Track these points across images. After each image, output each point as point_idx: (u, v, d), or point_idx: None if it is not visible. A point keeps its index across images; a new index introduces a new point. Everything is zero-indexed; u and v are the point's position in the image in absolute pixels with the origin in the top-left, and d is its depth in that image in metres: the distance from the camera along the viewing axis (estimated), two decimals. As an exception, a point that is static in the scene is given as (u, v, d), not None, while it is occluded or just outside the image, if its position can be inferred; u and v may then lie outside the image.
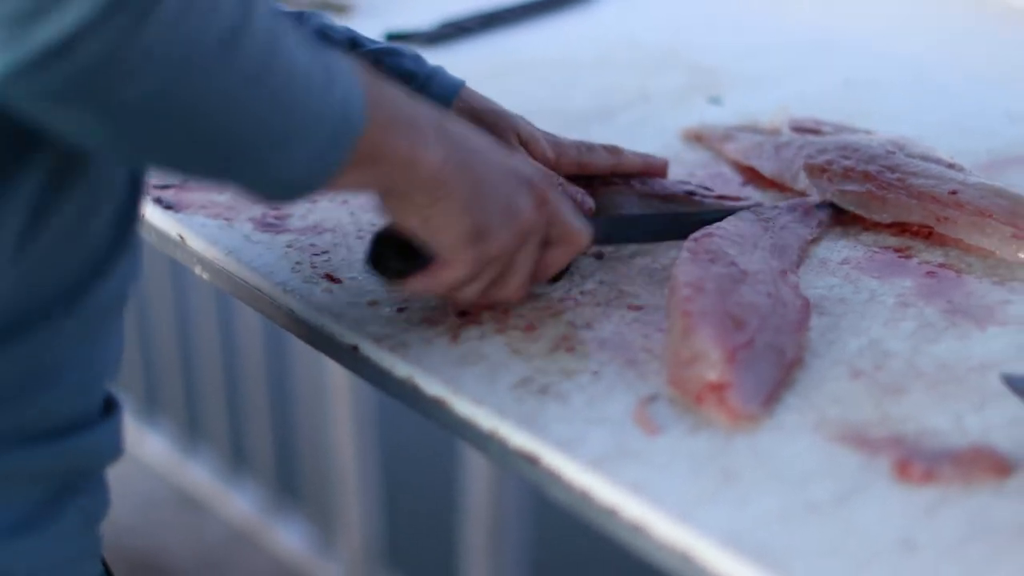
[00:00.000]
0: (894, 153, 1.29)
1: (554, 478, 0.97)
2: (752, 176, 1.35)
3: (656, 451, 0.97)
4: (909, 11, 1.85)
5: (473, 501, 2.38)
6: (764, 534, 0.90)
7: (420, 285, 1.06)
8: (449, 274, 1.05)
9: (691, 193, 1.26)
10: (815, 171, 1.29)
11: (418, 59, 1.25)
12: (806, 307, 1.09)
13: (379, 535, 2.58)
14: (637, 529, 0.92)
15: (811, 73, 1.63)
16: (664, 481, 0.94)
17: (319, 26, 1.23)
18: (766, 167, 1.34)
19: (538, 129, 1.25)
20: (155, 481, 2.87)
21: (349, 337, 1.11)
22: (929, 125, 1.46)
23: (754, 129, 1.42)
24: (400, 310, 1.13)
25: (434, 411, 1.06)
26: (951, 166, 1.28)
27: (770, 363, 1.02)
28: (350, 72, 0.93)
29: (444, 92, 1.22)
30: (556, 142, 1.25)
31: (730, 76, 1.63)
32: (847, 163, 1.28)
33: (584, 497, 0.96)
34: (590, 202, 1.22)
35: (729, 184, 1.34)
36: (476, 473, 2.34)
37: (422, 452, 2.82)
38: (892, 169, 1.26)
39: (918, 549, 0.88)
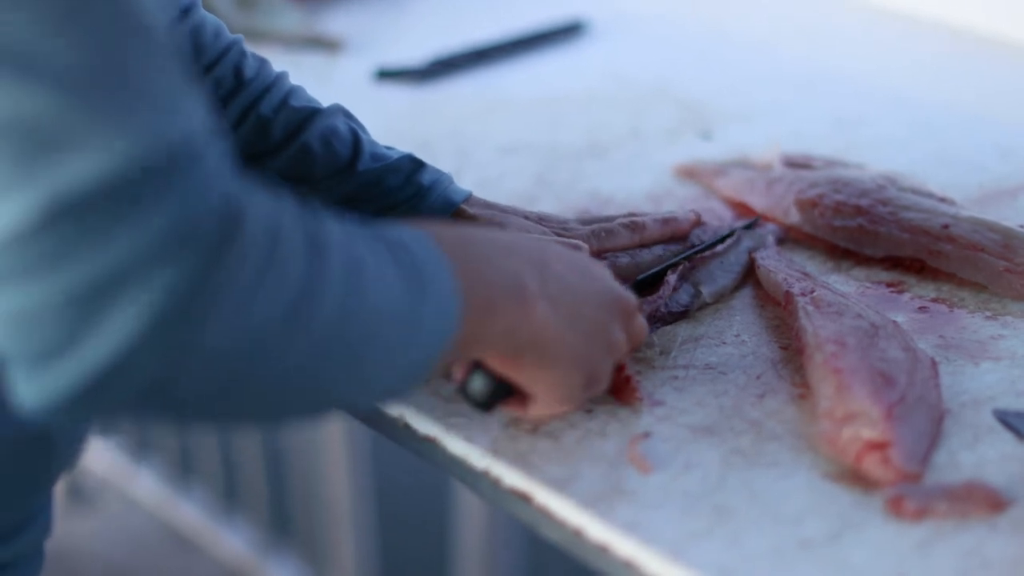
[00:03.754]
0: (885, 187, 1.29)
1: (547, 517, 0.97)
2: (744, 211, 1.35)
3: (649, 489, 0.97)
4: (899, 47, 1.85)
5: (466, 539, 2.37)
6: (757, 572, 0.89)
7: (516, 413, 1.02)
8: (554, 413, 1.02)
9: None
10: (806, 206, 1.29)
11: (412, 176, 1.19)
12: (933, 360, 1.08)
13: (372, 573, 2.57)
14: (629, 566, 0.92)
15: (801, 109, 1.64)
16: (657, 519, 0.94)
17: (327, 128, 1.18)
18: (757, 202, 1.34)
19: (549, 221, 1.22)
20: (147, 519, 2.85)
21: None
22: (920, 160, 1.46)
23: (745, 164, 1.42)
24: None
25: (426, 450, 1.05)
26: (943, 200, 1.28)
27: (924, 419, 1.01)
28: (439, 266, 0.87)
29: (444, 205, 1.18)
30: (572, 233, 1.22)
31: (720, 112, 1.63)
32: (838, 197, 1.28)
33: (577, 536, 0.95)
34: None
35: (721, 220, 1.34)
36: (469, 511, 2.34)
37: (415, 490, 2.81)
38: (884, 203, 1.26)
39: (913, 586, 0.87)
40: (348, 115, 1.20)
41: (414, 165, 1.19)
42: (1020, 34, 1.80)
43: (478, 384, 0.98)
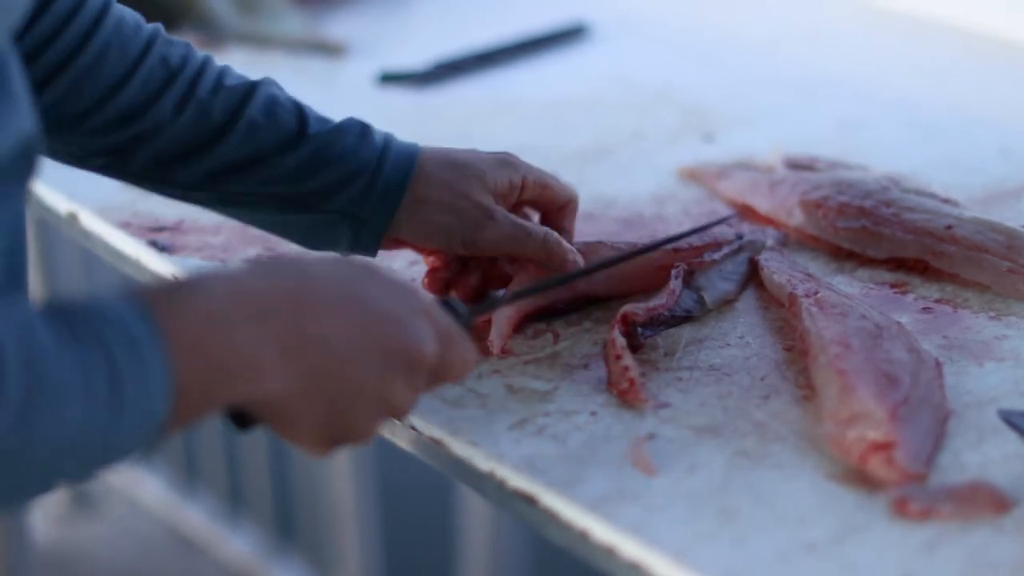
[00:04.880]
0: (889, 189, 1.29)
1: (552, 519, 0.97)
2: (747, 213, 1.35)
3: (654, 492, 0.97)
4: (902, 50, 1.85)
5: (471, 542, 2.37)
6: (762, 573, 0.89)
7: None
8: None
9: (679, 250, 1.24)
10: (810, 207, 1.29)
11: (364, 137, 1.17)
12: (937, 361, 1.08)
13: (378, 576, 2.58)
14: (636, 568, 0.92)
15: (804, 111, 1.64)
16: (662, 521, 0.94)
17: (267, 99, 1.16)
18: (761, 204, 1.34)
19: (498, 165, 1.18)
20: (153, 523, 2.86)
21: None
22: (923, 161, 1.46)
23: (749, 166, 1.42)
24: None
25: (432, 452, 1.05)
26: (946, 201, 1.28)
27: (929, 419, 1.01)
28: (148, 355, 0.83)
29: (398, 171, 1.16)
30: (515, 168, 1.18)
31: (723, 115, 1.63)
32: (842, 199, 1.28)
33: (582, 538, 0.95)
34: (579, 260, 1.17)
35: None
36: (474, 514, 2.34)
37: (420, 493, 2.81)
38: (887, 204, 1.26)
39: (918, 587, 0.88)
40: (280, 87, 1.19)
41: (362, 126, 1.18)
42: (1022, 36, 1.80)
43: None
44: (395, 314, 0.93)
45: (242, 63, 1.22)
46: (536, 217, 1.21)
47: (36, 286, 2.54)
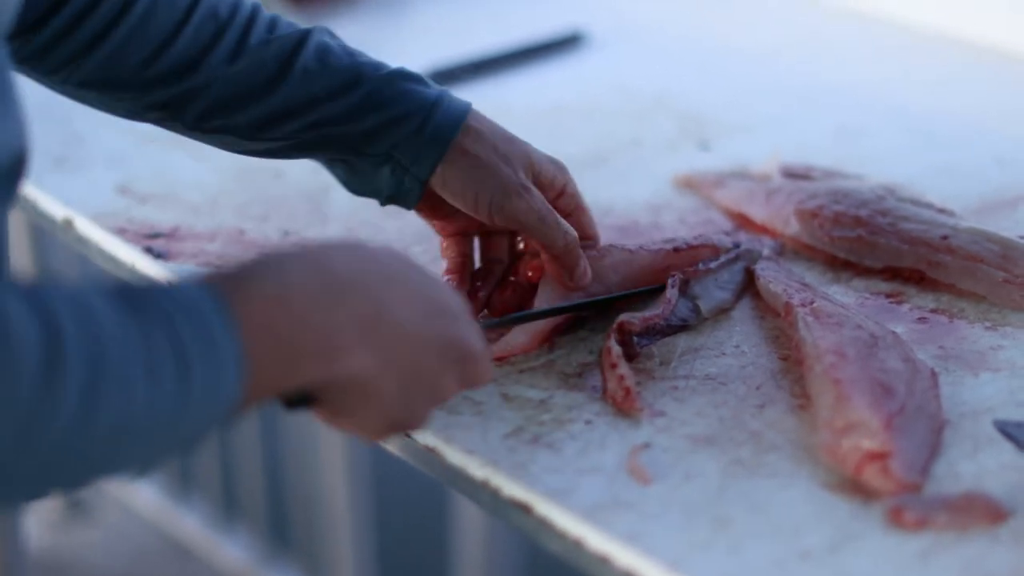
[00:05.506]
0: (885, 198, 1.29)
1: (546, 527, 0.97)
2: (743, 222, 1.35)
3: (649, 500, 0.97)
4: (899, 58, 1.85)
5: (465, 550, 2.37)
6: (758, 583, 0.90)
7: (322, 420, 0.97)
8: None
9: (678, 248, 1.24)
10: (806, 216, 1.29)
11: (419, 83, 1.18)
12: (933, 371, 1.08)
13: (372, 583, 2.58)
14: (630, 578, 0.92)
15: (801, 120, 1.64)
16: (657, 530, 0.94)
17: (319, 46, 1.17)
18: (757, 213, 1.34)
19: (548, 160, 1.20)
20: (147, 530, 2.85)
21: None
22: (919, 170, 1.46)
23: (745, 175, 1.42)
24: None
25: (426, 461, 1.05)
26: (942, 211, 1.28)
27: (924, 429, 1.01)
28: (218, 338, 0.82)
29: (449, 120, 1.16)
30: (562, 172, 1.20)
31: (720, 123, 1.63)
32: (838, 208, 1.28)
33: (577, 546, 0.95)
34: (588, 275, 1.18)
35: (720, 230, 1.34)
36: (469, 522, 2.33)
37: (414, 500, 2.80)
38: (883, 214, 1.26)
39: (913, 597, 0.88)
40: (332, 34, 1.19)
41: (417, 75, 1.19)
42: (1020, 47, 1.81)
43: None
44: (452, 308, 0.96)
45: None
46: None
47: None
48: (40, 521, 2.79)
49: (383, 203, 1.19)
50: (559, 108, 1.69)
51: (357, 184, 1.20)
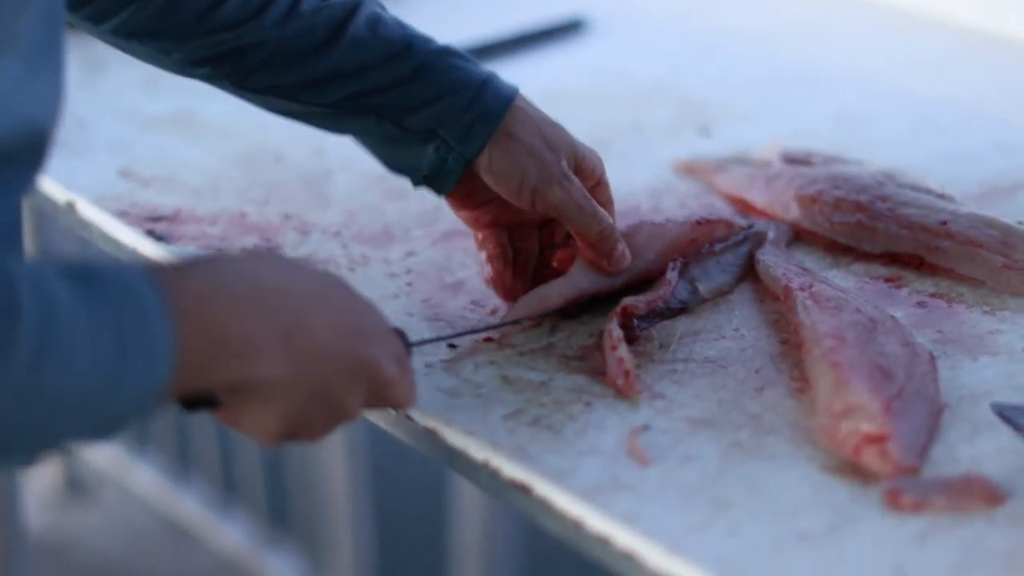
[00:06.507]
0: (884, 183, 1.29)
1: (546, 508, 0.98)
2: (743, 207, 1.35)
3: (648, 482, 0.97)
4: (899, 44, 1.85)
5: (464, 532, 2.37)
6: (756, 564, 0.90)
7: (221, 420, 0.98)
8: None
9: (700, 222, 1.24)
10: (806, 202, 1.29)
11: (469, 61, 1.19)
12: (931, 355, 1.09)
13: (370, 567, 2.58)
14: (630, 559, 0.93)
15: (801, 106, 1.64)
16: (656, 511, 0.95)
17: (371, 16, 1.18)
18: (757, 198, 1.35)
19: (588, 149, 1.21)
20: (145, 512, 2.86)
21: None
22: (919, 156, 1.46)
23: (745, 161, 1.42)
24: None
25: (427, 442, 1.06)
26: (941, 196, 1.28)
27: (922, 413, 1.01)
28: (155, 326, 0.85)
29: (499, 101, 1.17)
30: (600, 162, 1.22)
31: (721, 109, 1.63)
32: (838, 193, 1.28)
33: (576, 527, 0.96)
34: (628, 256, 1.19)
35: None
36: (467, 504, 2.34)
37: (413, 483, 2.81)
38: (883, 199, 1.27)
39: (910, 579, 0.88)
40: (382, 5, 1.20)
41: (466, 52, 1.19)
42: (1020, 32, 1.81)
43: None
44: (371, 328, 0.98)
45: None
46: None
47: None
48: (39, 502, 2.80)
49: (417, 183, 1.19)
50: (559, 94, 1.69)
51: (397, 159, 1.19)
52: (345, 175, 1.43)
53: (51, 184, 1.40)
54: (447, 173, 1.17)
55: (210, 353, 0.88)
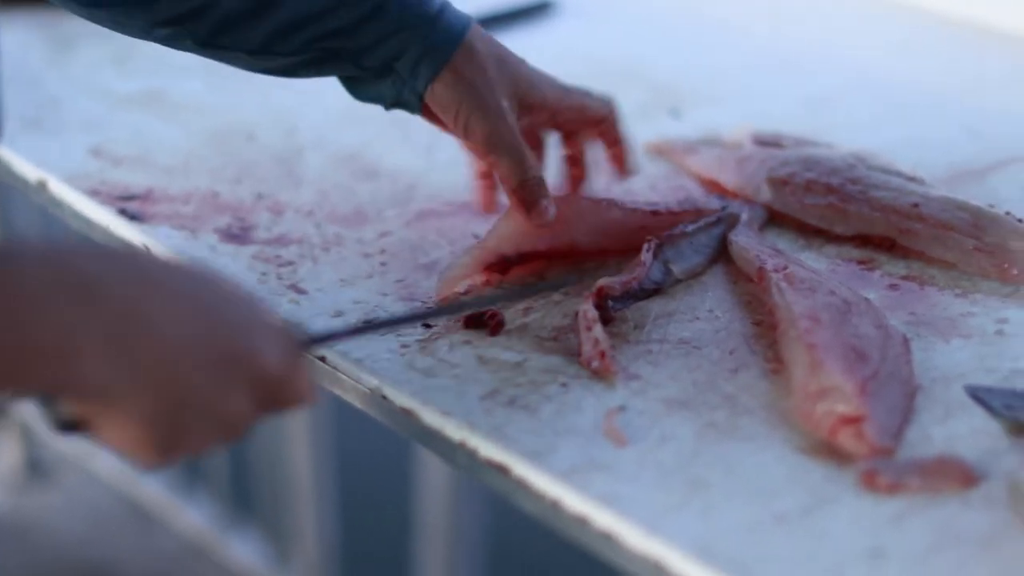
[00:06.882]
0: (855, 166, 1.30)
1: (524, 488, 0.98)
2: (715, 189, 1.36)
3: (625, 462, 0.98)
4: (869, 28, 1.86)
5: (429, 514, 2.37)
6: (733, 544, 0.90)
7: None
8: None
9: (657, 212, 1.25)
10: (777, 184, 1.30)
11: (420, 2, 1.18)
12: (905, 337, 1.09)
13: (334, 549, 2.58)
14: (608, 539, 0.93)
15: (772, 89, 1.64)
16: (633, 491, 0.95)
17: None
18: (728, 180, 1.35)
19: (547, 83, 1.25)
20: (108, 494, 2.85)
21: (316, 348, 1.11)
22: (889, 140, 1.46)
23: (716, 143, 1.43)
24: (367, 321, 1.14)
25: (402, 422, 1.06)
26: (912, 179, 1.29)
27: (897, 394, 1.02)
28: None
29: (448, 37, 1.17)
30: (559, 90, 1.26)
31: (691, 92, 1.63)
32: (809, 176, 1.29)
33: (554, 508, 0.96)
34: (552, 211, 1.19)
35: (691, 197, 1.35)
36: (433, 486, 2.34)
37: (378, 465, 2.81)
38: (854, 182, 1.27)
39: (886, 558, 0.89)
40: None
41: None
42: (990, 17, 1.82)
43: (51, 408, 0.85)
44: (240, 320, 0.88)
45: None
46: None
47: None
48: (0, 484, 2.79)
49: (388, 108, 1.22)
50: (530, 74, 1.69)
51: (362, 93, 1.22)
52: (316, 154, 1.42)
53: (22, 163, 1.39)
54: (406, 104, 1.20)
55: (18, 353, 0.79)
